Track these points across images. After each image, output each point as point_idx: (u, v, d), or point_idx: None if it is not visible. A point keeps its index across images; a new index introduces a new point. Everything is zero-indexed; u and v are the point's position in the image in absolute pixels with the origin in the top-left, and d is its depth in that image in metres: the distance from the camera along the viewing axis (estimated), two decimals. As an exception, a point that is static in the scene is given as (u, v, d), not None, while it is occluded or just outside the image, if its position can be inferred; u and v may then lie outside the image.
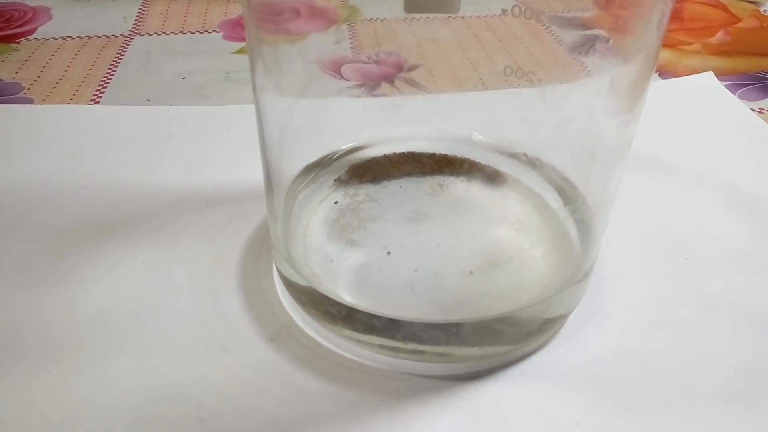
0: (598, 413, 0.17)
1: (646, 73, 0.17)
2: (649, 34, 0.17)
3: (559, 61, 0.23)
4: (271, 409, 0.17)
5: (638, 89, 0.18)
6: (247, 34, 0.18)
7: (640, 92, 0.18)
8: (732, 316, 0.20)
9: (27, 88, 0.33)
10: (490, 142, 0.24)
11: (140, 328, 0.19)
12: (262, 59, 0.18)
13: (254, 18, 0.17)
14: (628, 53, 0.19)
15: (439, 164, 0.24)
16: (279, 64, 0.19)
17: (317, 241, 0.21)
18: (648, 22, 0.17)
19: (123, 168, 0.26)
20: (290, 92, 0.21)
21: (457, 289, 0.19)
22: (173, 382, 0.18)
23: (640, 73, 0.17)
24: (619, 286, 0.21)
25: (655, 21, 0.17)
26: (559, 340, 0.20)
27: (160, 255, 0.22)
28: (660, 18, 0.17)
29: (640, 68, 0.18)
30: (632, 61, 0.18)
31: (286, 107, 0.20)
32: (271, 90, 0.19)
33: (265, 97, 0.18)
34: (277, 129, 0.19)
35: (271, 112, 0.19)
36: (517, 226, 0.22)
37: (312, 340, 0.19)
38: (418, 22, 0.26)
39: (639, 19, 0.18)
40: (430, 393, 0.18)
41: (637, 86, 0.18)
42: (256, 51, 0.18)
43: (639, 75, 0.18)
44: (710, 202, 0.25)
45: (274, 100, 0.19)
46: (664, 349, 0.19)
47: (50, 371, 0.18)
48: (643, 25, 0.18)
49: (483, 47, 0.25)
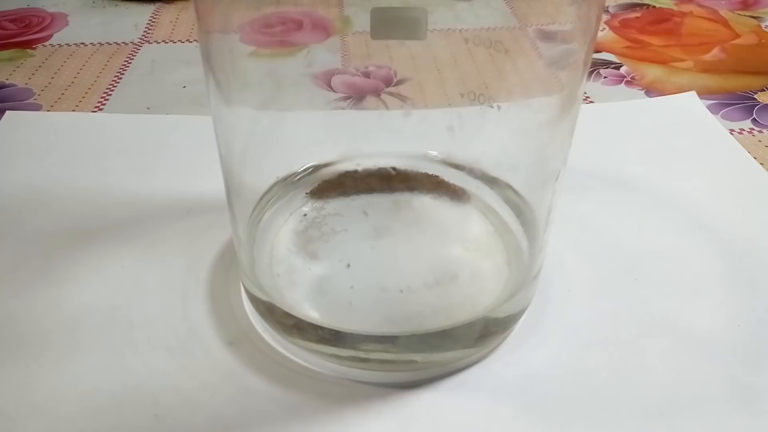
0: (523, 425, 0.19)
1: (578, 86, 0.19)
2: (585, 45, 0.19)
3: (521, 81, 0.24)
4: (220, 407, 0.19)
5: (571, 102, 0.19)
6: (201, 47, 0.19)
7: (576, 108, 0.19)
8: (667, 337, 0.21)
9: (38, 94, 0.35)
10: (453, 160, 0.25)
11: (112, 328, 0.21)
12: (213, 74, 0.19)
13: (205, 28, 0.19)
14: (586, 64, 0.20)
15: (406, 181, 0.25)
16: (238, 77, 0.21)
17: (281, 253, 0.23)
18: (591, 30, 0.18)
19: (117, 175, 0.28)
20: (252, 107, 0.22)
21: (403, 303, 0.21)
22: (134, 380, 0.20)
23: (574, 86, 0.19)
24: (565, 304, 0.23)
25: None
26: (500, 353, 0.21)
27: (138, 260, 0.24)
28: None
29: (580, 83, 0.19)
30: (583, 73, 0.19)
31: (247, 125, 0.22)
32: (224, 105, 0.20)
33: (222, 116, 0.20)
34: (238, 148, 0.21)
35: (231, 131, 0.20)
36: (472, 244, 0.23)
37: (268, 345, 0.21)
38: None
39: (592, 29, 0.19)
40: (370, 399, 0.19)
41: (571, 99, 0.19)
42: (207, 65, 0.19)
43: (572, 89, 0.19)
44: (669, 223, 0.26)
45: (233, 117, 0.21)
46: (597, 367, 0.20)
47: (27, 365, 0.20)
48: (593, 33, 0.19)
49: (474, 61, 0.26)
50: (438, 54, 0.27)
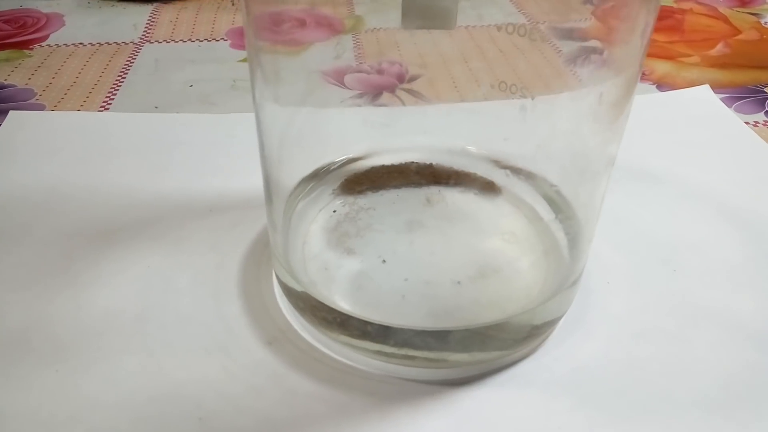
0: (581, 418, 0.18)
1: (631, 86, 0.18)
2: (636, 46, 0.18)
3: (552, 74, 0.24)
4: (267, 409, 0.18)
5: (625, 102, 0.18)
6: (247, 45, 0.18)
7: (626, 105, 0.18)
8: (714, 327, 0.21)
9: (39, 95, 0.34)
10: (485, 153, 0.25)
11: (144, 330, 0.20)
12: (261, 69, 0.19)
13: (254, 28, 0.18)
14: (619, 65, 0.20)
15: (435, 175, 0.25)
16: (278, 74, 0.20)
17: (316, 248, 0.22)
18: (636, 33, 0.18)
19: (130, 174, 0.27)
20: (290, 103, 0.22)
21: (448, 297, 0.20)
22: (174, 383, 0.19)
23: (628, 85, 0.18)
24: (607, 296, 0.22)
25: (639, 31, 0.17)
26: (547, 348, 0.20)
27: (164, 260, 0.23)
28: (644, 28, 0.18)
29: (629, 81, 0.18)
30: (623, 72, 0.19)
31: (285, 118, 0.21)
32: (271, 101, 0.19)
33: (265, 108, 0.19)
34: (277, 140, 0.20)
35: (271, 123, 0.20)
36: (509, 236, 0.23)
37: (308, 344, 0.20)
38: (420, 32, 0.27)
39: (629, 30, 0.19)
40: (420, 397, 0.19)
41: (625, 99, 0.18)
42: (255, 61, 0.19)
43: (627, 88, 0.18)
44: (700, 214, 0.26)
45: (274, 110, 0.20)
46: (647, 359, 0.20)
47: (58, 370, 0.19)
48: (633, 36, 0.18)
49: (485, 58, 0.25)
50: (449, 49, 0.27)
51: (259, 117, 0.19)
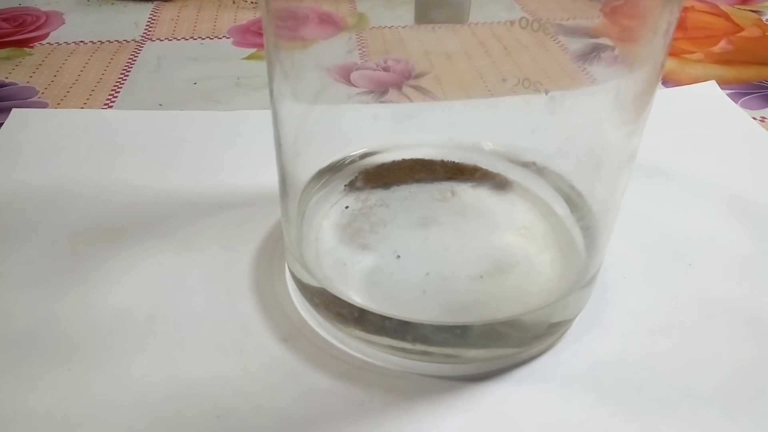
0: (603, 414, 0.18)
1: (652, 83, 0.18)
2: (655, 44, 0.18)
3: (566, 70, 0.23)
4: (285, 407, 0.18)
5: (644, 99, 0.18)
6: (266, 41, 0.18)
7: (646, 102, 0.18)
8: (732, 322, 0.21)
9: (41, 93, 0.33)
10: (499, 149, 0.25)
11: (156, 328, 0.20)
12: (280, 65, 0.18)
13: (273, 24, 0.18)
14: (634, 62, 0.19)
15: (448, 171, 0.25)
16: (296, 70, 0.20)
17: (329, 244, 0.22)
18: (655, 31, 0.18)
19: (136, 172, 0.27)
20: (305, 98, 0.22)
21: (466, 293, 0.20)
22: (190, 381, 0.18)
23: (647, 82, 0.18)
24: (623, 291, 0.22)
25: (662, 31, 0.17)
26: (565, 343, 0.20)
27: (174, 257, 0.23)
28: (666, 28, 0.17)
29: (647, 78, 0.18)
30: (639, 70, 0.19)
31: (301, 113, 0.21)
32: (289, 96, 0.19)
33: (283, 103, 0.19)
34: (292, 134, 0.20)
35: (288, 117, 0.19)
36: (524, 232, 0.22)
37: (324, 340, 0.20)
38: (425, 30, 0.27)
39: (645, 28, 0.19)
40: (440, 393, 0.18)
41: (644, 96, 0.18)
42: (274, 57, 0.18)
43: (646, 85, 0.18)
44: (712, 209, 0.26)
45: (291, 105, 0.20)
46: (666, 353, 0.20)
47: (70, 369, 0.19)
48: (649, 34, 0.18)
49: (489, 55, 0.25)
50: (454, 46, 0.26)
51: (277, 111, 0.19)
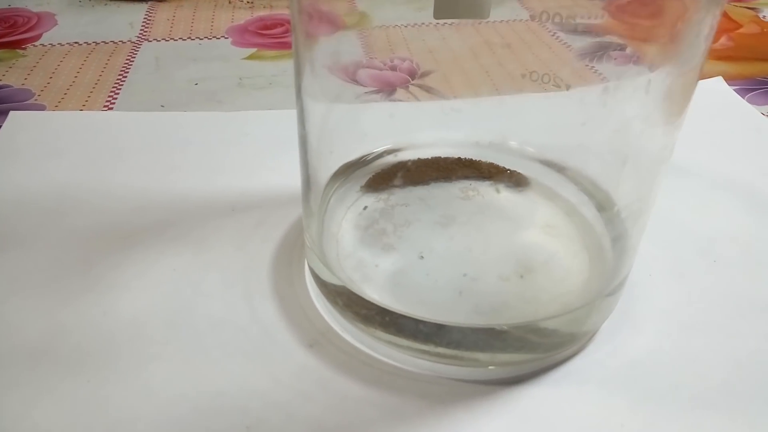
0: (643, 414, 0.17)
1: (688, 85, 0.18)
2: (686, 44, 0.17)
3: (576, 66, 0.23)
4: (317, 415, 0.17)
5: (683, 98, 0.18)
6: (294, 38, 0.18)
7: (685, 101, 0.18)
8: (762, 317, 0.21)
9: (38, 95, 0.32)
10: (516, 147, 0.24)
11: (176, 335, 0.19)
12: (310, 63, 0.18)
13: (303, 21, 0.17)
14: (656, 62, 0.19)
15: (466, 169, 0.24)
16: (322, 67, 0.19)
17: (349, 246, 0.21)
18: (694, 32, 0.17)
19: (143, 174, 0.26)
20: (328, 96, 0.21)
21: (496, 294, 0.19)
22: (216, 391, 0.18)
23: (683, 83, 0.18)
24: (651, 289, 0.22)
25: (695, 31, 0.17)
26: (597, 343, 0.20)
27: (189, 262, 0.22)
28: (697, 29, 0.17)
29: (683, 79, 0.18)
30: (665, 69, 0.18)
31: (324, 110, 0.20)
32: (317, 93, 0.19)
33: (309, 100, 0.18)
34: (317, 131, 0.19)
35: (314, 114, 0.19)
36: (548, 230, 0.22)
37: (350, 345, 0.19)
38: (428, 29, 0.26)
39: (663, 28, 0.18)
40: (475, 397, 0.18)
41: (682, 95, 0.18)
42: (304, 54, 0.18)
43: (684, 84, 0.18)
44: (731, 205, 0.26)
45: (317, 102, 0.19)
46: (699, 350, 0.19)
47: (89, 380, 0.18)
48: (666, 33, 0.18)
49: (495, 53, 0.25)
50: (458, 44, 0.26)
51: (304, 108, 0.18)
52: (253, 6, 0.43)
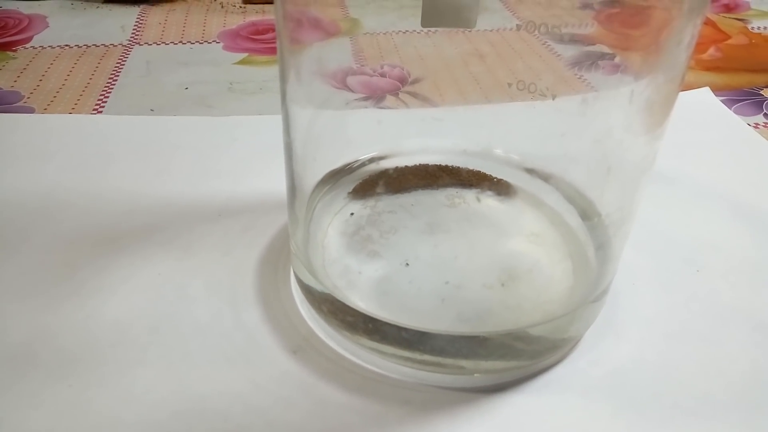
0: (626, 423, 0.18)
1: (671, 92, 0.18)
2: (667, 52, 0.18)
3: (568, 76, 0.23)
4: (298, 421, 0.17)
5: (664, 108, 0.18)
6: (279, 44, 0.18)
7: (667, 111, 0.18)
8: (744, 327, 0.21)
9: (27, 97, 0.32)
10: (502, 155, 0.24)
11: (160, 340, 0.19)
12: (295, 69, 0.18)
13: (288, 27, 0.17)
14: (641, 71, 0.19)
15: (451, 177, 0.24)
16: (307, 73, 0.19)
17: (335, 252, 0.21)
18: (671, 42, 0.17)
19: (130, 178, 0.26)
20: (314, 103, 0.21)
21: (480, 301, 0.19)
22: (198, 396, 0.18)
23: (666, 91, 0.18)
24: (634, 297, 0.22)
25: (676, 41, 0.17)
26: (579, 351, 0.20)
27: (175, 266, 0.22)
28: (681, 38, 0.17)
29: (666, 86, 0.18)
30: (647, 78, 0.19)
31: (310, 117, 0.20)
32: (302, 100, 0.19)
33: (294, 107, 0.18)
34: (302, 138, 0.19)
35: (299, 121, 0.19)
36: (533, 238, 0.22)
37: (334, 351, 0.19)
38: (419, 36, 0.26)
39: (648, 37, 0.18)
40: (457, 405, 0.18)
41: (664, 105, 0.18)
42: (289, 61, 0.18)
43: (663, 93, 0.18)
44: (715, 214, 0.26)
45: (302, 109, 0.19)
46: (682, 359, 0.20)
47: (71, 385, 0.18)
48: (653, 42, 0.18)
49: (484, 62, 0.25)
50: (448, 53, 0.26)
51: (289, 114, 0.18)
52: (246, 11, 0.44)
